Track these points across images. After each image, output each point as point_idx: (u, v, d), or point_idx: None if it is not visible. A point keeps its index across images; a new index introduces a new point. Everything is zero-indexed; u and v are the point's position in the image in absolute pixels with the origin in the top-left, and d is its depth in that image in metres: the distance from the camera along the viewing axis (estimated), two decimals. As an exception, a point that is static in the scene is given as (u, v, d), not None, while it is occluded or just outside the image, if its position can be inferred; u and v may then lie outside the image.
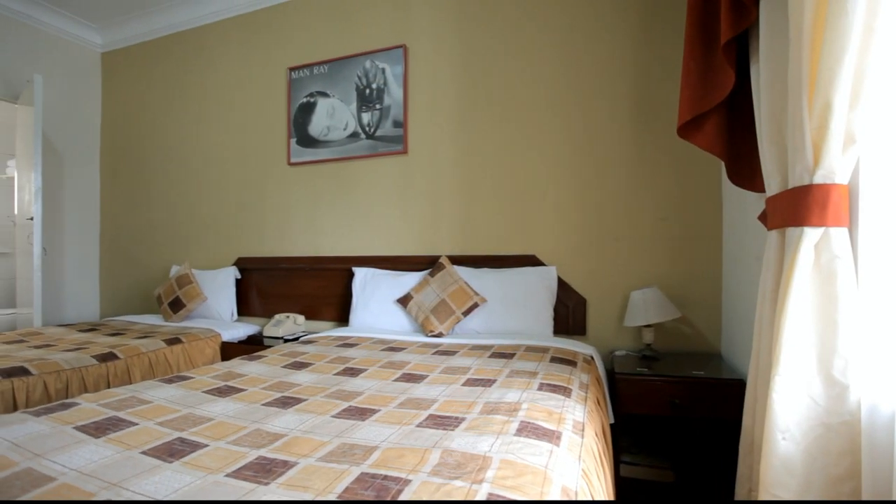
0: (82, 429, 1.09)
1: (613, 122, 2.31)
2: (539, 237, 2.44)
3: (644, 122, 2.25)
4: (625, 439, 2.00)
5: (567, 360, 1.76)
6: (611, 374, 2.00)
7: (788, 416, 1.01)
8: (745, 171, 1.49)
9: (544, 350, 1.91)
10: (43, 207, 3.22)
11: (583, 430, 1.15)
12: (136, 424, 1.13)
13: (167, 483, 0.83)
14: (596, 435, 1.24)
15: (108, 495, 0.79)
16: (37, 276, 3.10)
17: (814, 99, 0.97)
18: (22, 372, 1.82)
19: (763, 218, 1.35)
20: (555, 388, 1.39)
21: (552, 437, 1.03)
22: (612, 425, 1.79)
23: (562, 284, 2.36)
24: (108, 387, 2.06)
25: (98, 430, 1.09)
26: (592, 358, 1.99)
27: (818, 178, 1.00)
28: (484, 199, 2.56)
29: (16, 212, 3.45)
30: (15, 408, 1.74)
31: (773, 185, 1.20)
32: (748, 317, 1.71)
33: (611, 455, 1.49)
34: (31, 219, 3.13)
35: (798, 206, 1.03)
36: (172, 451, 0.97)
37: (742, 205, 1.86)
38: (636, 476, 1.90)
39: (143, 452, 0.97)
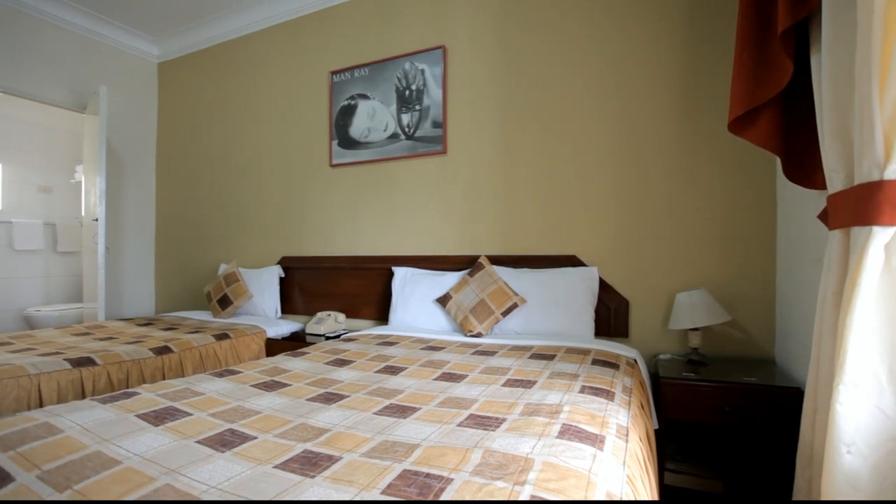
0: (143, 417, 1.16)
1: (658, 117, 2.23)
2: (580, 237, 2.40)
3: (691, 117, 2.17)
4: (670, 446, 1.93)
5: (609, 363, 1.72)
6: (654, 378, 1.94)
7: (854, 429, 0.94)
8: (803, 167, 1.41)
9: (585, 352, 1.87)
10: (106, 209, 3.44)
11: (627, 434, 1.12)
12: (191, 415, 1.19)
13: (220, 472, 0.87)
14: (640, 440, 1.21)
15: (167, 480, 0.83)
16: (101, 273, 3.31)
17: (886, 89, 0.91)
18: (89, 362, 1.95)
19: (823, 216, 1.27)
20: (597, 391, 1.36)
21: (595, 440, 1.01)
22: (655, 431, 1.73)
23: (603, 285, 2.31)
24: (163, 378, 2.18)
25: (157, 418, 1.15)
26: (636, 361, 1.94)
27: (890, 174, 0.93)
28: (523, 198, 2.54)
29: (83, 213, 3.70)
30: (83, 395, 1.87)
31: (835, 182, 1.13)
32: (806, 321, 1.62)
33: (655, 462, 1.44)
34: (96, 220, 3.35)
35: (866, 204, 0.97)
36: (224, 442, 1.02)
37: (798, 203, 1.76)
38: (682, 485, 1.83)
39: (198, 441, 1.02)
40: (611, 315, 2.30)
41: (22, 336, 2.47)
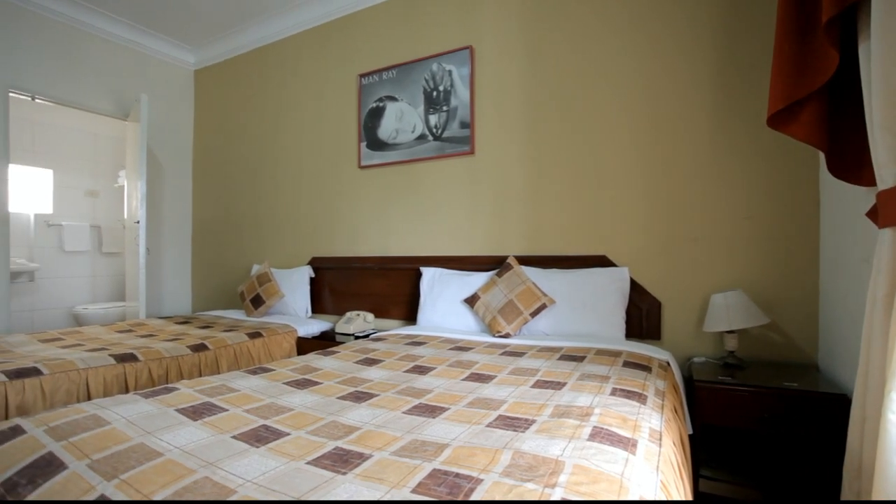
0: (182, 411, 1.20)
1: (691, 114, 2.17)
2: (610, 237, 2.35)
3: (726, 113, 2.10)
4: (704, 452, 1.87)
5: (641, 366, 1.69)
6: (688, 382, 1.89)
7: (907, 438, 0.89)
8: (849, 162, 1.34)
9: (616, 354, 1.84)
10: (146, 212, 3.58)
11: (660, 439, 1.10)
12: (227, 410, 1.23)
13: (255, 466, 0.90)
14: (674, 445, 1.18)
15: (206, 473, 0.86)
16: (142, 273, 3.46)
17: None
18: (132, 358, 2.04)
19: (873, 214, 1.21)
20: (629, 394, 1.33)
21: (627, 444, 0.99)
22: (689, 436, 1.69)
23: (634, 286, 2.26)
24: (200, 375, 2.26)
25: (195, 413, 1.19)
26: (668, 364, 1.89)
27: (944, 169, 0.88)
28: (552, 198, 2.51)
29: (125, 216, 3.88)
30: (127, 389, 1.96)
31: (886, 178, 1.07)
32: (853, 325, 1.55)
33: (690, 468, 1.40)
34: (138, 222, 3.50)
35: (918, 201, 0.92)
36: (259, 437, 1.05)
37: (844, 200, 1.67)
38: (717, 492, 1.77)
39: (234, 437, 1.05)
40: (642, 316, 2.25)
41: (71, 332, 2.60)
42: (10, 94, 3.17)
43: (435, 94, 2.86)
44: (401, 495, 0.78)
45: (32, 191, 4.09)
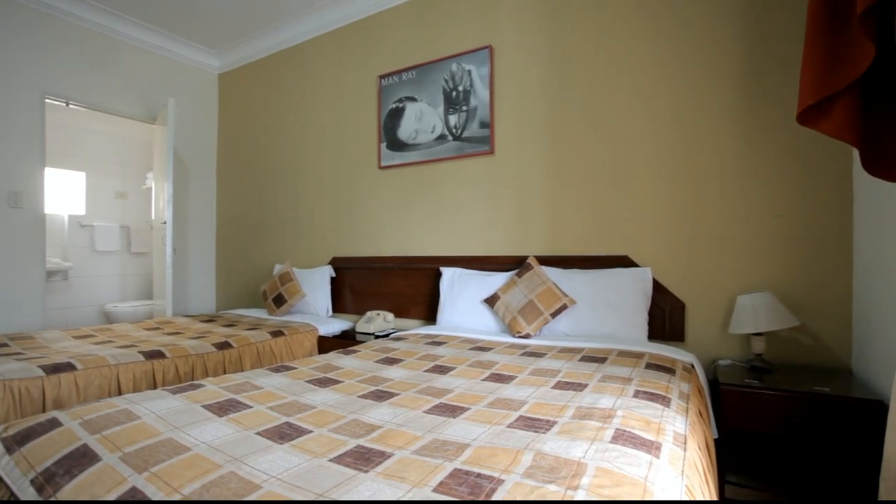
0: (209, 407, 1.23)
1: (716, 110, 2.12)
2: (632, 237, 2.32)
3: (753, 109, 2.04)
4: (730, 457, 1.83)
5: (664, 368, 1.66)
6: (713, 385, 1.85)
7: (947, 446, 0.86)
8: (886, 158, 1.29)
9: (638, 355, 1.81)
10: (173, 213, 3.68)
11: (685, 442, 1.08)
12: (251, 407, 1.25)
13: (279, 462, 0.91)
14: (699, 449, 1.15)
15: (232, 468, 0.88)
16: (168, 272, 3.55)
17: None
18: (160, 355, 2.10)
19: (910, 213, 1.16)
20: (652, 397, 1.31)
21: (651, 447, 0.97)
22: (715, 441, 1.65)
23: (657, 287, 2.22)
24: (224, 372, 2.31)
25: (221, 409, 1.22)
26: (692, 366, 1.85)
27: None
28: (573, 197, 2.49)
29: (153, 217, 3.99)
30: (155, 385, 2.01)
31: (924, 175, 1.03)
32: (891, 328, 1.49)
33: (715, 473, 1.37)
34: (165, 223, 3.59)
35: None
36: (282, 434, 1.06)
37: (880, 198, 1.61)
38: (744, 499, 1.73)
39: (258, 433, 1.07)
40: (665, 318, 2.21)
41: (103, 329, 2.69)
42: (46, 101, 3.29)
43: (454, 94, 2.86)
44: (422, 494, 0.78)
45: (66, 193, 4.25)
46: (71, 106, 3.49)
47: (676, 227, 2.21)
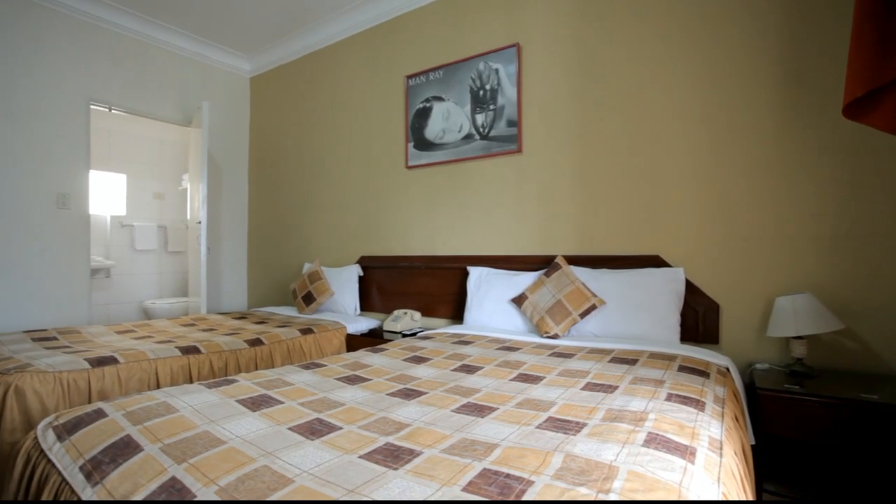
0: (242, 402, 1.27)
1: (754, 104, 2.05)
2: (664, 236, 2.26)
3: (793, 102, 1.96)
4: (768, 465, 1.76)
5: (698, 371, 1.61)
6: (749, 390, 1.78)
7: None
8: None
9: (671, 357, 1.76)
10: (207, 213, 3.80)
11: (720, 448, 1.04)
12: (283, 403, 1.28)
13: (311, 458, 0.93)
14: (735, 455, 1.12)
15: (265, 462, 0.90)
16: (203, 270, 3.66)
17: None
18: (195, 350, 2.17)
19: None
20: (685, 400, 1.28)
21: (685, 452, 0.95)
22: (752, 447, 1.59)
23: (690, 287, 2.16)
24: (256, 368, 2.37)
25: (254, 404, 1.25)
26: (728, 369, 1.79)
27: None
28: (602, 196, 2.44)
29: (188, 217, 4.13)
30: (191, 379, 2.08)
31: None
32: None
33: (753, 480, 1.33)
34: (199, 223, 3.71)
35: None
36: (313, 430, 1.08)
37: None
38: (783, 508, 1.67)
39: (290, 428, 1.09)
40: (698, 319, 2.15)
41: (142, 325, 2.80)
42: (91, 107, 3.45)
43: (481, 92, 2.85)
44: (451, 493, 0.78)
45: (109, 194, 4.44)
46: (113, 111, 3.65)
47: (710, 226, 2.15)
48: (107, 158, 4.44)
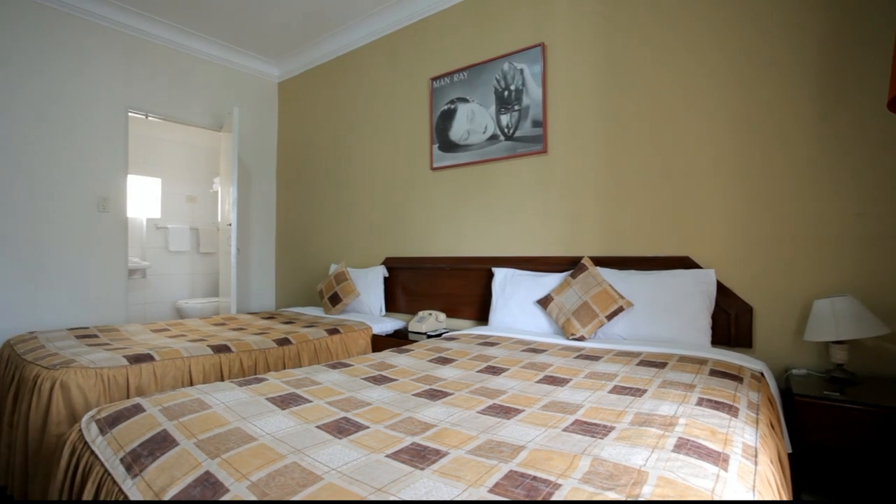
0: (272, 400, 1.29)
1: (791, 98, 1.97)
2: (694, 236, 2.21)
3: (833, 96, 1.88)
4: (805, 474, 1.70)
5: (731, 375, 1.56)
6: (785, 396, 1.72)
7: None
8: None
9: (701, 361, 1.72)
10: (237, 215, 3.90)
11: (755, 455, 1.01)
12: (311, 402, 1.30)
13: (339, 456, 0.94)
14: (771, 463, 1.08)
15: (295, 459, 0.92)
16: (233, 271, 3.76)
17: None
18: (226, 349, 2.23)
19: None
20: (717, 405, 1.24)
21: (718, 458, 0.92)
22: (788, 455, 1.54)
23: (722, 289, 2.10)
24: (284, 367, 2.42)
25: (283, 402, 1.28)
26: (762, 374, 1.73)
27: None
28: (629, 196, 2.40)
29: (219, 219, 4.25)
30: (222, 377, 2.14)
31: None
32: None
33: (790, 490, 1.28)
34: (230, 225, 3.81)
35: None
36: (340, 429, 1.10)
37: None
38: (822, 520, 1.60)
39: (318, 427, 1.11)
40: (730, 322, 2.09)
41: (176, 324, 2.90)
42: (129, 114, 3.59)
43: (506, 93, 2.84)
44: (478, 494, 0.78)
45: (145, 197, 4.61)
46: (149, 118, 3.79)
47: (743, 226, 2.08)
48: (143, 163, 4.61)
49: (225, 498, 0.79)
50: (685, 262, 2.20)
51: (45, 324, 3.13)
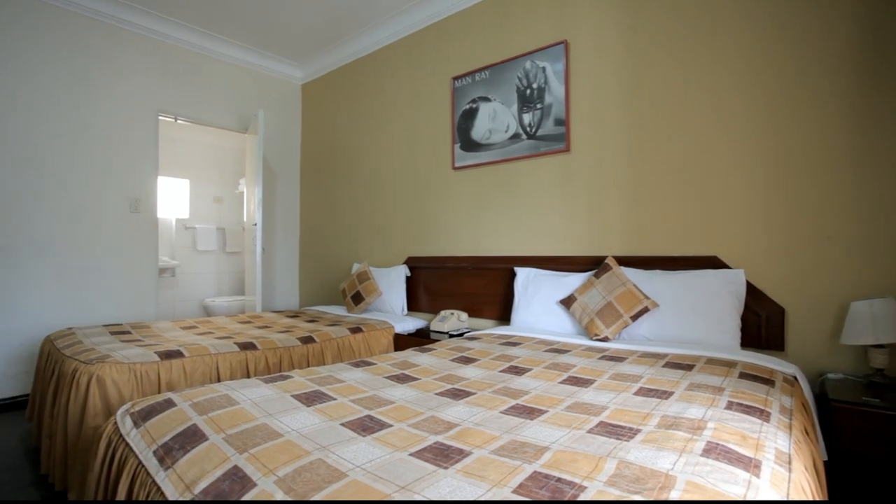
0: (297, 397, 1.32)
1: (825, 87, 1.90)
2: (722, 236, 2.15)
3: (870, 90, 1.81)
4: (842, 483, 1.63)
5: (762, 378, 1.52)
6: (820, 401, 1.66)
7: None
8: None
9: (730, 364, 1.67)
10: (262, 216, 3.98)
11: (789, 462, 0.98)
12: (335, 399, 1.32)
13: (363, 454, 0.95)
14: (806, 470, 1.04)
15: (320, 455, 0.94)
16: (258, 270, 3.84)
17: None
18: (252, 346, 2.28)
19: None
20: (748, 409, 1.21)
21: (749, 464, 0.90)
22: (824, 463, 1.48)
23: (752, 290, 2.04)
24: (308, 365, 2.45)
25: (308, 399, 1.30)
26: (795, 378, 1.68)
27: None
28: (654, 195, 2.35)
29: (244, 219, 4.34)
30: (248, 374, 2.19)
31: None
32: None
33: (825, 499, 1.23)
34: (255, 225, 3.89)
35: None
36: (364, 427, 1.11)
37: None
38: (859, 530, 1.54)
39: (342, 424, 1.12)
40: (761, 324, 2.03)
41: (203, 322, 2.97)
42: (159, 118, 3.70)
43: (528, 91, 2.82)
44: (502, 495, 0.78)
45: (174, 198, 4.75)
46: (178, 121, 3.90)
47: (774, 226, 2.02)
48: (172, 165, 4.75)
49: (252, 492, 0.81)
50: (713, 262, 2.15)
51: (81, 320, 3.26)
